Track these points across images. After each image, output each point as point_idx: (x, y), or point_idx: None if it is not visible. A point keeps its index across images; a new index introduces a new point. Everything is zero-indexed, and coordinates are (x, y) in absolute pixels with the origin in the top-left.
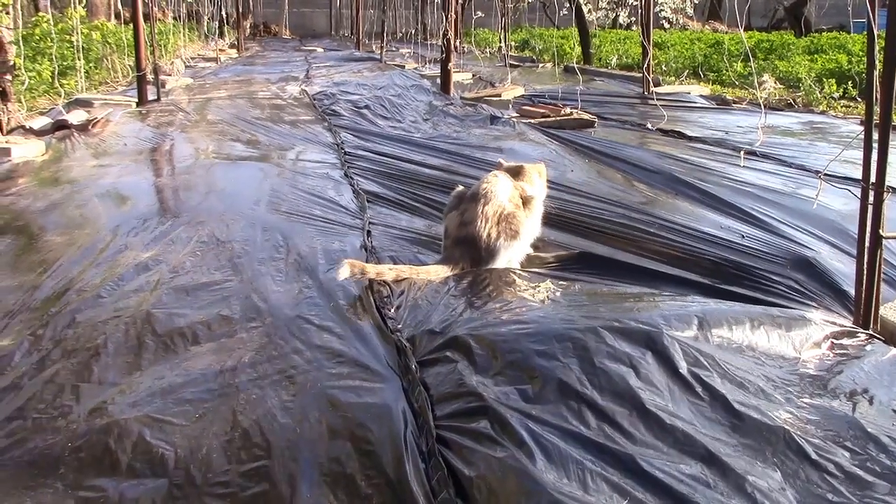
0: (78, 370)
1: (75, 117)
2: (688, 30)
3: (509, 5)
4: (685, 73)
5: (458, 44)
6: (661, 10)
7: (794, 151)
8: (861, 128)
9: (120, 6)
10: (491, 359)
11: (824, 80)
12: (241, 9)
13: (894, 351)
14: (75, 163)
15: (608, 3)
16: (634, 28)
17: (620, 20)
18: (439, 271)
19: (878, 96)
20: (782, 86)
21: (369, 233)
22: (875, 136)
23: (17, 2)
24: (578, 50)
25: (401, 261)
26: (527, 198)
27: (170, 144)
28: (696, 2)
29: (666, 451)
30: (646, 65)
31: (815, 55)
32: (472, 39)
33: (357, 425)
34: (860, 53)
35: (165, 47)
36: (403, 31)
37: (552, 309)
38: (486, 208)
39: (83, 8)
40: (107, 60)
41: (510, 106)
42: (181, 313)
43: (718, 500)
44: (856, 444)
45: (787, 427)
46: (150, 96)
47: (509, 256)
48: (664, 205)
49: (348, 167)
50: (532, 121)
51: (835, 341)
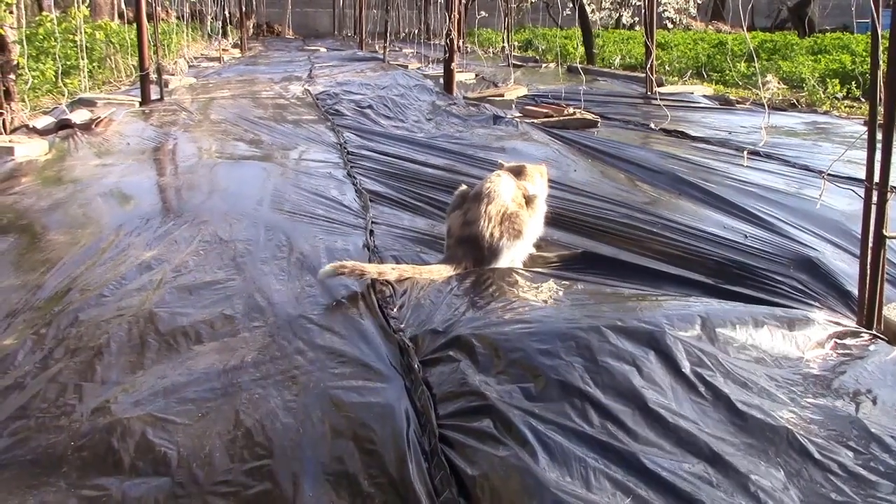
0: (81, 369)
1: (78, 117)
2: (691, 30)
3: (512, 5)
4: (688, 74)
5: (461, 44)
6: (665, 11)
7: (798, 151)
8: (864, 128)
9: (123, 6)
10: (493, 358)
11: (828, 80)
12: (244, 8)
13: None
14: (78, 162)
15: (611, 4)
16: (637, 28)
17: (623, 20)
18: (442, 271)
19: (882, 96)
20: (786, 86)
21: (372, 232)
22: (879, 136)
23: (21, 1)
24: (582, 50)
25: (403, 260)
26: (529, 197)
27: (173, 144)
28: (700, 2)
29: (669, 449)
30: (649, 65)
31: (819, 55)
32: (476, 39)
33: (360, 425)
34: (864, 54)
35: (169, 47)
36: (407, 31)
37: (555, 308)
38: (490, 208)
39: (87, 7)
40: (110, 60)
41: (513, 106)
42: (184, 312)
43: (722, 499)
44: (859, 444)
45: (790, 427)
46: (154, 96)
47: (512, 256)
48: (667, 205)
49: (351, 167)
50: (535, 121)
51: (838, 341)
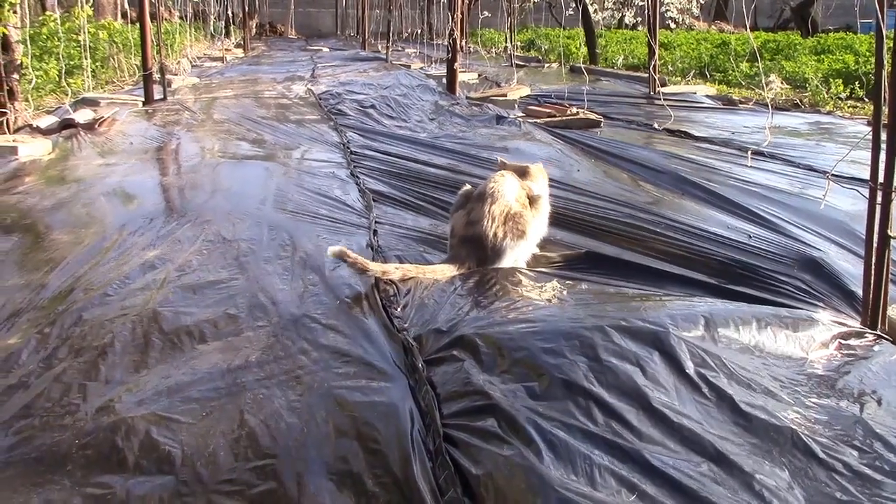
0: (85, 368)
1: (82, 116)
2: (694, 30)
3: (515, 5)
4: (691, 74)
5: (463, 44)
6: (668, 11)
7: (802, 152)
8: (868, 128)
9: (127, 6)
10: (497, 357)
11: (831, 80)
12: (247, 8)
13: None
14: (82, 161)
15: (614, 4)
16: (640, 28)
17: (626, 20)
18: (445, 270)
19: (887, 96)
20: (789, 86)
21: (375, 232)
22: (883, 136)
23: (25, 1)
24: (584, 50)
25: (407, 260)
26: (533, 197)
27: (176, 143)
28: (703, 2)
29: (673, 448)
30: (652, 65)
31: (822, 55)
32: (478, 39)
33: (364, 424)
34: (867, 54)
35: (172, 47)
36: (409, 31)
37: (559, 308)
38: (493, 208)
39: (90, 7)
40: (113, 60)
41: (516, 106)
42: (188, 312)
43: (727, 496)
44: (864, 444)
45: (794, 427)
46: (157, 95)
47: (516, 256)
48: (671, 205)
49: (354, 166)
50: (538, 120)
51: (842, 342)
